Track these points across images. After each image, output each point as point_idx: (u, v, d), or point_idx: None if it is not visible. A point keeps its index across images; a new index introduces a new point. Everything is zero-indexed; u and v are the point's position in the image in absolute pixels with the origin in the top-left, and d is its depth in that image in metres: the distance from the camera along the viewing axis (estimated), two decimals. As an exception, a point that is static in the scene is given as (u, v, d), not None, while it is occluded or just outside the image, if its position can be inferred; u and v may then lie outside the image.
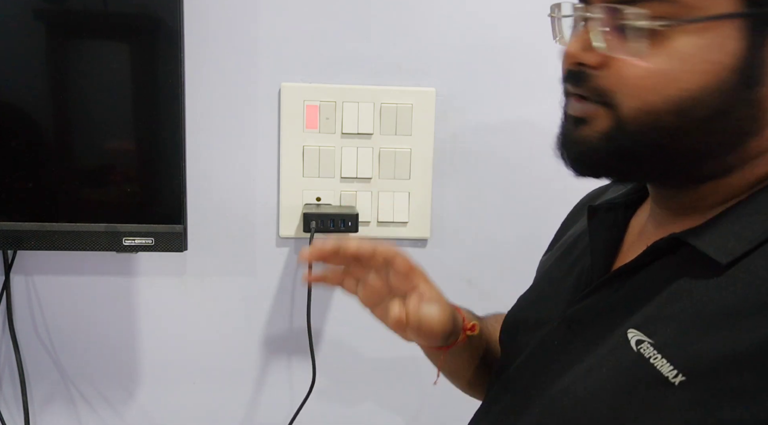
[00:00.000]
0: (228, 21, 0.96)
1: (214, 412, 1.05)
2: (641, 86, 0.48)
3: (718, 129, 0.49)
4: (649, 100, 0.48)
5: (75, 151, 0.86)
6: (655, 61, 0.47)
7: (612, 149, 0.50)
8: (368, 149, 1.00)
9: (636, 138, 0.49)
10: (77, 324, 1.01)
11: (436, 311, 0.67)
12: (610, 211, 0.64)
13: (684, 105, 0.47)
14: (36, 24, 0.83)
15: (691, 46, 0.47)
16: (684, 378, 0.45)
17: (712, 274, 0.48)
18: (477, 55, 1.00)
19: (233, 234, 1.01)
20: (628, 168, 0.52)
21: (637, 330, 0.50)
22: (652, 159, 0.50)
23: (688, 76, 0.47)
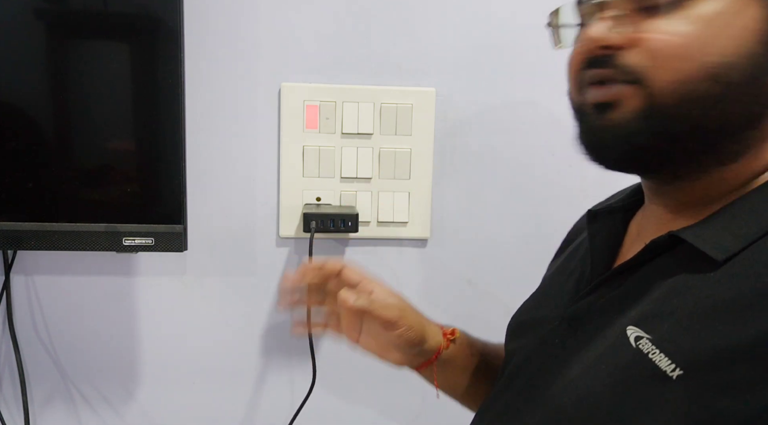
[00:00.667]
0: (228, 21, 0.96)
1: (214, 412, 1.05)
2: (674, 56, 0.48)
3: (749, 96, 0.49)
4: (683, 69, 0.48)
5: (75, 151, 0.86)
6: (684, 30, 0.48)
7: (649, 128, 0.50)
8: (368, 149, 1.00)
9: (671, 112, 0.49)
10: (77, 324, 1.01)
11: (393, 303, 0.72)
12: (610, 214, 0.65)
13: (718, 70, 0.48)
14: (36, 24, 0.83)
15: (714, 11, 0.48)
16: (681, 371, 0.46)
17: (708, 271, 0.49)
18: (477, 55, 1.00)
19: (233, 234, 1.01)
20: (666, 148, 0.51)
21: (636, 327, 0.50)
22: (689, 135, 0.50)
23: (718, 41, 0.47)
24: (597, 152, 0.53)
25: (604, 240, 0.63)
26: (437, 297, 1.05)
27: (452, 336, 0.76)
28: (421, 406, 1.09)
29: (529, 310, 0.72)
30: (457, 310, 1.05)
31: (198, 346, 1.03)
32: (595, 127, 0.53)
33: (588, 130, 0.54)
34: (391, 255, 1.04)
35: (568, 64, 0.57)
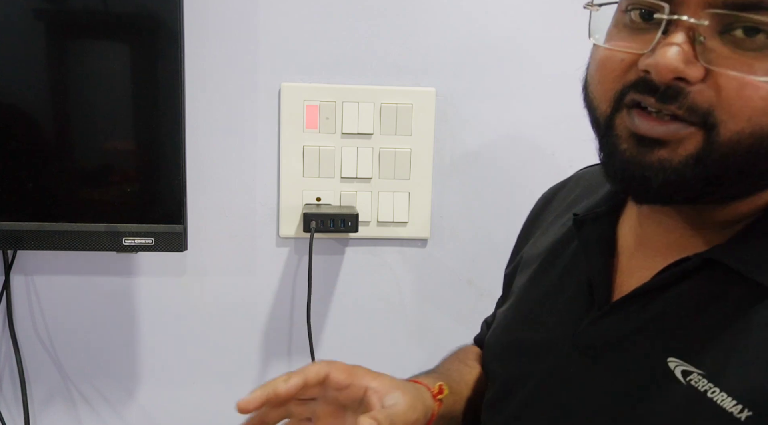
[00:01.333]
0: (228, 21, 0.96)
1: (214, 412, 1.05)
2: (756, 109, 0.42)
3: None
4: (760, 123, 0.42)
5: (75, 151, 0.86)
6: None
7: (700, 175, 0.45)
8: (368, 149, 1.00)
9: (726, 161, 0.44)
10: (77, 324, 1.01)
11: (401, 399, 0.60)
12: (596, 221, 0.59)
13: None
14: (36, 24, 0.83)
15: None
16: (751, 413, 0.42)
17: (757, 296, 0.44)
18: (477, 55, 1.00)
19: (233, 234, 1.01)
20: (707, 192, 0.46)
21: (680, 360, 0.46)
22: (735, 183, 0.46)
23: None
24: (636, 189, 0.47)
25: (598, 251, 0.58)
26: (437, 297, 1.05)
27: (441, 395, 0.67)
28: (421, 406, 1.09)
29: (517, 329, 0.64)
30: (457, 310, 1.05)
31: (198, 346, 1.03)
32: (636, 162, 0.46)
33: (627, 164, 0.47)
34: (391, 256, 1.04)
35: (600, 64, 0.49)
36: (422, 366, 1.08)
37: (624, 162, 0.47)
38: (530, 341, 0.61)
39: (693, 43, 0.43)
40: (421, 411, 0.62)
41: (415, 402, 0.62)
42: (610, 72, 0.48)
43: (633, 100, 0.46)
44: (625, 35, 0.48)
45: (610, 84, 0.48)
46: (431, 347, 1.07)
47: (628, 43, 0.47)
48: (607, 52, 0.48)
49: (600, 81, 0.49)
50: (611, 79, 0.48)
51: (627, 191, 0.50)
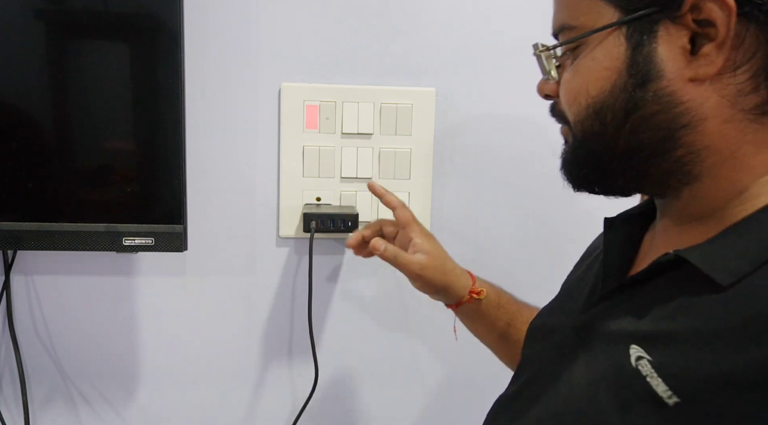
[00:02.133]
0: (228, 21, 0.96)
1: (215, 412, 1.05)
2: (568, 101, 0.56)
3: (639, 126, 0.52)
4: (575, 111, 0.55)
5: (75, 151, 0.86)
6: (571, 79, 0.56)
7: (575, 159, 0.58)
8: (368, 149, 1.00)
9: (582, 145, 0.56)
10: (77, 324, 1.01)
11: (422, 258, 0.81)
12: (626, 222, 0.65)
13: (597, 109, 0.54)
14: (36, 24, 0.83)
15: (590, 59, 0.54)
16: (678, 399, 0.46)
17: (713, 293, 0.48)
18: (477, 55, 1.00)
19: (233, 234, 1.01)
20: (592, 171, 0.57)
21: (639, 347, 0.50)
22: (599, 160, 0.55)
23: (592, 84, 0.54)
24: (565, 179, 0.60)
25: (617, 249, 0.63)
26: (437, 297, 1.05)
27: (477, 296, 0.84)
28: (424, 405, 1.09)
29: (546, 315, 0.72)
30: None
31: (198, 346, 1.03)
32: (561, 159, 0.60)
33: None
34: (391, 255, 1.04)
35: None
36: (425, 365, 1.09)
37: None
38: (549, 326, 0.68)
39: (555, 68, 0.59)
40: (439, 282, 0.82)
41: (437, 274, 0.82)
42: None
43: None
44: None
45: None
46: (431, 347, 1.08)
47: None
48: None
49: None
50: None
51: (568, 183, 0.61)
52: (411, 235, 0.84)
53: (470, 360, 1.07)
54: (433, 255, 0.82)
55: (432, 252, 0.83)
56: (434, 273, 0.82)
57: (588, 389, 0.53)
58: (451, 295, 0.84)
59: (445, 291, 0.83)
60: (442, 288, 0.83)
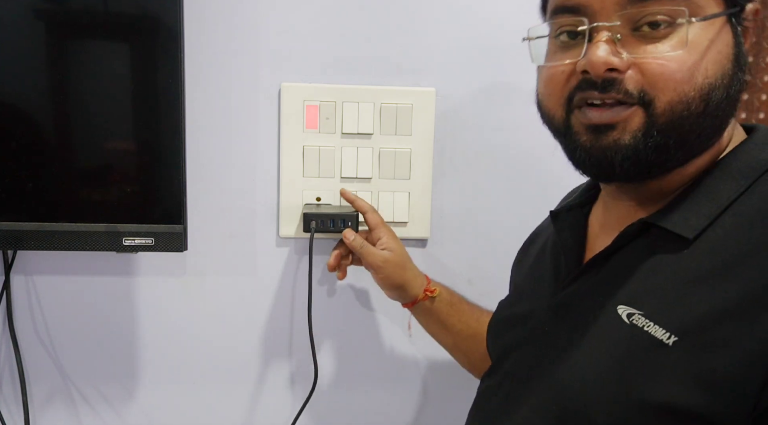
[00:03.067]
0: (228, 21, 0.96)
1: (215, 412, 1.05)
2: (677, 79, 0.54)
3: (724, 111, 0.56)
4: (683, 90, 0.54)
5: (75, 151, 0.86)
6: (687, 56, 0.54)
7: (651, 145, 0.55)
8: (368, 149, 1.00)
9: (668, 128, 0.55)
10: (77, 324, 1.01)
11: (386, 253, 0.90)
12: (570, 212, 0.71)
13: (708, 91, 0.54)
14: (36, 24, 0.83)
15: (706, 40, 0.54)
16: (676, 338, 0.52)
17: (681, 248, 0.55)
18: (477, 55, 1.00)
19: (233, 234, 1.01)
20: (660, 161, 0.56)
21: (626, 306, 0.56)
22: (679, 147, 0.56)
23: (708, 65, 0.54)
24: (603, 170, 0.57)
25: (570, 235, 0.69)
26: (437, 297, 1.05)
27: (431, 294, 0.92)
28: (422, 405, 1.09)
29: (507, 308, 0.78)
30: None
31: (198, 346, 1.03)
32: (597, 147, 0.57)
33: (590, 151, 0.57)
34: (391, 255, 1.04)
35: (546, 81, 0.61)
36: (422, 365, 1.08)
37: (587, 151, 0.57)
38: (516, 315, 0.72)
39: (614, 42, 0.55)
40: (398, 278, 0.91)
41: (397, 269, 0.91)
42: (556, 84, 0.59)
43: (581, 98, 0.57)
44: (560, 55, 0.59)
45: (559, 93, 0.59)
46: (431, 347, 1.08)
47: (564, 58, 0.59)
48: (550, 70, 0.60)
49: (550, 94, 0.60)
50: (559, 90, 0.59)
51: (597, 176, 0.61)
52: (380, 235, 0.92)
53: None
54: (396, 253, 0.91)
55: (396, 250, 0.92)
56: (395, 269, 0.91)
57: (585, 355, 0.57)
58: (408, 293, 0.92)
59: (402, 288, 0.92)
60: (400, 285, 0.91)
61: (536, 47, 0.63)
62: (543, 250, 0.76)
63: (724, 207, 0.55)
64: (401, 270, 0.91)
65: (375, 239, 0.93)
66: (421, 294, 0.92)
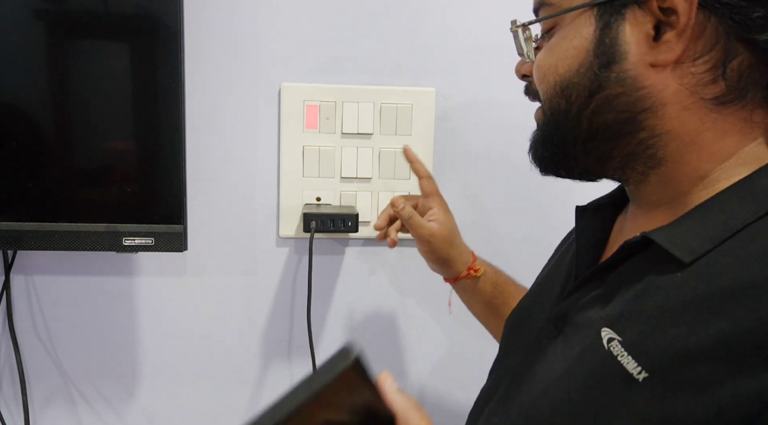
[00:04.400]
0: (228, 21, 0.96)
1: (215, 412, 1.05)
2: (538, 78, 0.58)
3: (602, 107, 0.54)
4: (544, 88, 0.57)
5: (75, 151, 0.86)
6: (543, 57, 0.57)
7: (542, 138, 0.60)
8: (368, 149, 1.00)
9: (549, 123, 0.58)
10: (77, 324, 1.01)
11: (435, 226, 0.88)
12: (597, 211, 0.67)
13: (563, 87, 0.55)
14: (36, 24, 0.83)
15: (561, 37, 0.56)
16: (647, 374, 0.47)
17: (676, 271, 0.50)
18: (477, 55, 1.00)
19: (233, 234, 1.01)
20: (555, 155, 0.59)
21: (610, 329, 0.52)
22: (564, 142, 0.57)
23: (560, 63, 0.55)
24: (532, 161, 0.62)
25: (589, 237, 0.65)
26: (437, 297, 1.05)
27: (475, 273, 0.89)
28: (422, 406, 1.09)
29: (524, 306, 0.74)
30: (457, 309, 1.05)
31: (198, 346, 1.03)
32: (530, 141, 0.62)
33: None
34: (391, 255, 1.04)
35: None
36: (422, 366, 1.08)
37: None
38: (527, 316, 0.70)
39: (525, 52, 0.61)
40: (443, 253, 0.88)
41: (443, 244, 0.88)
42: None
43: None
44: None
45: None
46: (431, 347, 1.08)
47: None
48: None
49: None
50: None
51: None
52: (432, 205, 0.90)
53: (470, 360, 1.07)
54: (445, 226, 0.88)
55: (446, 223, 0.89)
56: (441, 243, 0.88)
57: (564, 376, 0.54)
58: (452, 269, 0.90)
59: (446, 263, 0.89)
60: (444, 260, 0.89)
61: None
62: (568, 250, 0.71)
63: (736, 230, 0.49)
64: (447, 245, 0.88)
65: (426, 208, 0.90)
66: (464, 272, 0.90)
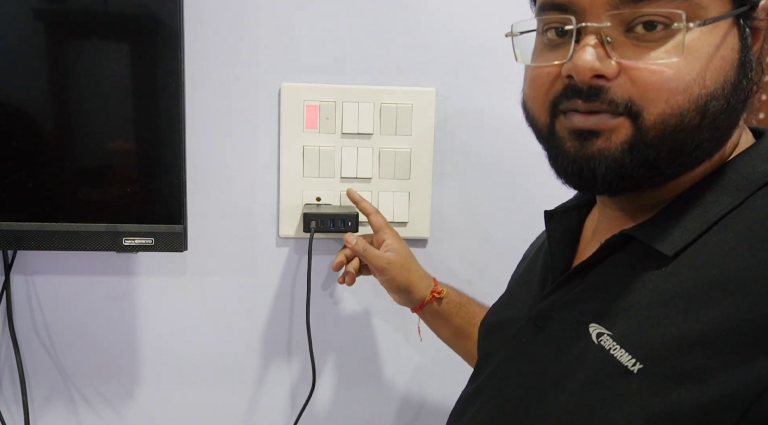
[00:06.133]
0: (228, 21, 0.96)
1: (214, 412, 1.05)
2: (670, 90, 0.48)
3: (724, 122, 0.51)
4: (677, 102, 0.49)
5: (75, 151, 0.86)
6: (683, 64, 0.48)
7: (637, 160, 0.50)
8: (368, 149, 1.00)
9: (658, 143, 0.50)
10: (77, 324, 1.01)
11: (390, 255, 0.89)
12: (565, 213, 0.67)
13: (705, 102, 0.49)
14: (36, 24, 0.83)
15: (708, 45, 0.49)
16: (642, 365, 0.48)
17: (660, 265, 0.51)
18: (477, 55, 1.00)
19: (233, 234, 1.01)
20: (648, 176, 0.52)
21: (598, 324, 0.52)
22: (670, 163, 0.51)
23: (708, 74, 0.49)
24: (585, 181, 0.53)
25: (560, 239, 0.65)
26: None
27: (438, 295, 0.91)
28: (420, 405, 1.09)
29: (496, 312, 0.75)
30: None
31: (198, 346, 1.03)
32: (581, 155, 0.52)
33: (573, 159, 0.53)
34: (391, 255, 1.04)
35: (531, 82, 0.56)
36: (422, 366, 1.08)
37: (570, 158, 0.53)
38: (502, 321, 0.70)
39: (603, 45, 0.50)
40: (403, 280, 0.89)
41: (402, 271, 0.89)
42: (540, 86, 0.55)
43: (566, 106, 0.53)
44: (546, 53, 0.55)
45: (543, 96, 0.55)
46: (431, 347, 1.08)
47: (551, 58, 0.54)
48: (535, 70, 0.55)
49: (534, 96, 0.56)
50: (543, 92, 0.55)
51: (579, 186, 0.56)
52: (384, 237, 0.92)
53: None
54: (400, 254, 0.90)
55: (400, 251, 0.91)
56: (400, 270, 0.89)
57: (553, 373, 0.54)
58: (414, 295, 0.91)
59: (408, 290, 0.90)
60: (406, 287, 0.90)
61: (522, 44, 0.58)
62: (538, 253, 0.72)
63: (712, 222, 0.50)
64: (406, 271, 0.90)
65: (380, 241, 0.92)
66: (428, 296, 0.91)
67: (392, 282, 0.90)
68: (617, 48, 0.50)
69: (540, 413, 0.54)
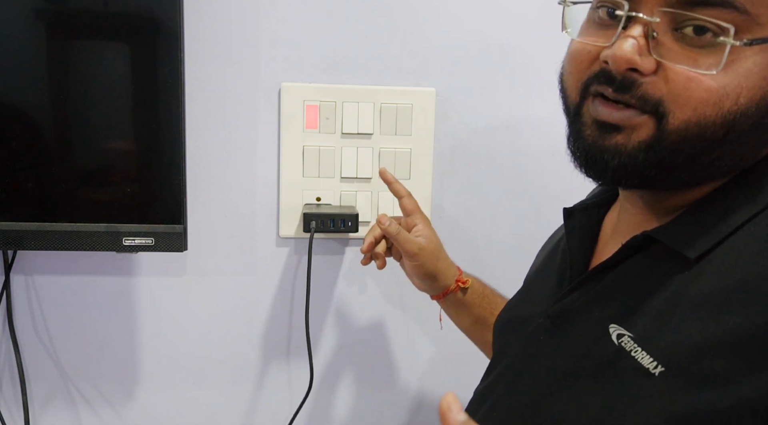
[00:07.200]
0: (228, 21, 0.96)
1: (214, 412, 1.05)
2: (700, 100, 0.48)
3: (753, 139, 0.50)
4: (704, 113, 0.48)
5: (75, 151, 0.86)
6: (721, 77, 0.47)
7: (651, 160, 0.50)
8: (368, 149, 1.00)
9: (675, 148, 0.49)
10: (77, 324, 1.01)
11: (422, 240, 0.86)
12: (585, 211, 0.66)
13: (733, 118, 0.48)
14: (36, 24, 0.83)
15: (753, 64, 0.47)
16: (663, 368, 0.47)
17: (683, 268, 0.51)
18: (477, 55, 1.00)
19: (233, 234, 1.01)
20: (660, 177, 0.51)
21: (618, 325, 0.52)
22: (686, 169, 0.51)
23: (744, 92, 0.48)
24: (595, 170, 0.53)
25: (580, 237, 0.64)
26: (437, 297, 1.05)
27: (463, 285, 0.88)
28: (419, 405, 1.09)
29: (513, 309, 0.75)
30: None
31: (198, 346, 1.03)
32: (597, 146, 0.52)
33: (588, 148, 0.53)
34: (391, 255, 1.04)
35: (571, 57, 0.55)
36: (422, 366, 1.08)
37: (587, 146, 0.53)
38: (519, 317, 0.69)
39: (647, 38, 0.49)
40: (431, 267, 0.86)
41: (431, 258, 0.86)
42: (579, 63, 0.54)
43: (596, 89, 0.52)
44: (593, 30, 0.54)
45: (578, 74, 0.54)
46: (431, 348, 1.08)
47: (596, 37, 0.53)
48: (578, 45, 0.55)
49: (571, 72, 0.55)
50: (579, 70, 0.54)
51: (588, 173, 0.55)
52: (415, 221, 0.89)
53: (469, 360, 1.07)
54: (431, 241, 0.87)
55: (431, 238, 0.88)
56: (429, 257, 0.86)
57: (571, 372, 0.54)
58: (439, 283, 0.88)
59: (434, 277, 0.88)
60: (433, 274, 0.87)
61: (572, 14, 0.56)
62: (555, 249, 0.71)
63: (736, 226, 0.50)
64: (435, 259, 0.87)
65: (410, 225, 0.89)
66: (452, 285, 0.88)
67: (421, 268, 0.87)
68: (661, 45, 0.49)
69: (556, 411, 0.54)
